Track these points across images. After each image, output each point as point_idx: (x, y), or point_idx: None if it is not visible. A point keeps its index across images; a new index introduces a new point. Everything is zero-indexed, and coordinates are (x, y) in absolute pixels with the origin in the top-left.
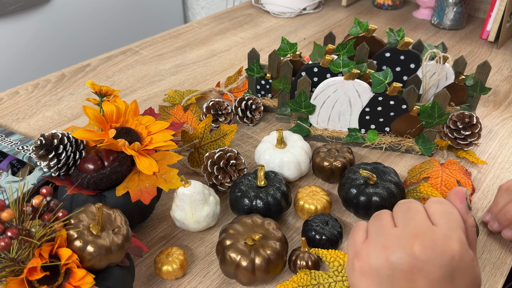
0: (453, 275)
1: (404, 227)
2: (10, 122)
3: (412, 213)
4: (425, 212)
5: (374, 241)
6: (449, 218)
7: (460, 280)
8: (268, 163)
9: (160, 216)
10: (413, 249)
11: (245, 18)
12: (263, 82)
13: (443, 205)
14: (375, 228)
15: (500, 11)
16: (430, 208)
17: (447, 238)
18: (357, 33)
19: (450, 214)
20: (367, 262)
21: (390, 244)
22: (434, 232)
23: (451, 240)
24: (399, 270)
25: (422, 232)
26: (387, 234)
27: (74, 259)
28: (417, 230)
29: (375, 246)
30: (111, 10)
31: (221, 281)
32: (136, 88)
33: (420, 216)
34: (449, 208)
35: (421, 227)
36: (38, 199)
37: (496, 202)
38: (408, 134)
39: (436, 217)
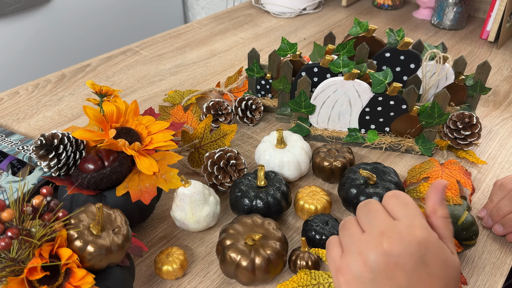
0: (425, 260)
1: (370, 229)
2: (10, 122)
3: (373, 214)
4: (384, 210)
5: (350, 252)
6: (406, 209)
7: (433, 263)
8: (268, 163)
9: (160, 216)
10: (383, 247)
11: (245, 18)
12: (263, 82)
13: (399, 198)
14: (346, 239)
15: (500, 11)
16: (387, 205)
17: (409, 227)
18: (357, 33)
19: (406, 205)
20: (349, 273)
21: (363, 249)
22: (397, 225)
23: (414, 228)
24: (378, 271)
25: (386, 229)
26: (358, 241)
27: (74, 259)
28: (382, 228)
29: (351, 256)
30: (111, 10)
31: (221, 281)
32: (136, 88)
33: (380, 215)
34: (404, 199)
35: (384, 224)
36: (38, 199)
37: (491, 198)
38: (408, 134)
39: (395, 211)
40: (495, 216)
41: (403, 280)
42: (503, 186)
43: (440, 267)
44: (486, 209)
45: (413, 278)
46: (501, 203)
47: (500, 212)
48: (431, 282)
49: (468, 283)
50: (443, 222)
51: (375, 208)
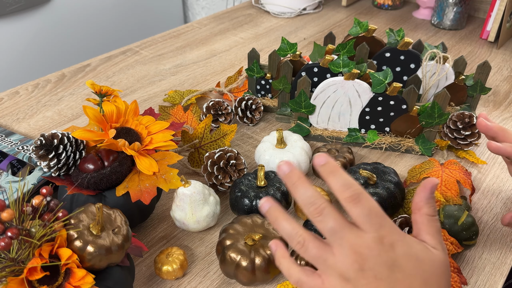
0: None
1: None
2: (10, 122)
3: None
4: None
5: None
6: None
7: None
8: (268, 163)
9: (160, 216)
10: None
11: (245, 18)
12: (263, 82)
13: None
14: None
15: (500, 11)
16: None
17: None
18: (357, 33)
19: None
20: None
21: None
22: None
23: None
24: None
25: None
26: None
27: (74, 259)
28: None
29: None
30: (111, 10)
31: (221, 281)
32: (136, 88)
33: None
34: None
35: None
36: (38, 199)
37: None
38: (408, 134)
39: (360, 221)
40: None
41: None
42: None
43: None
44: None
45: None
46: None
47: None
48: (409, 282)
49: (468, 283)
50: (428, 219)
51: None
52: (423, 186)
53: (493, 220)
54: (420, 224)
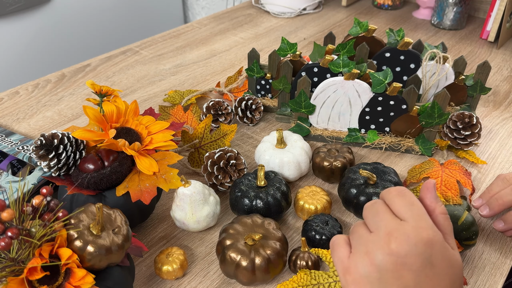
0: (432, 260)
1: (377, 230)
2: (10, 122)
3: (380, 215)
4: (390, 211)
5: (358, 252)
6: (412, 210)
7: (439, 263)
8: (268, 163)
9: (160, 216)
10: (391, 247)
11: (245, 18)
12: (263, 82)
13: (404, 198)
14: (354, 240)
15: (500, 11)
16: (393, 204)
17: (416, 228)
18: (357, 33)
19: (412, 204)
20: (357, 272)
21: (370, 249)
22: (404, 226)
23: (421, 229)
24: (385, 271)
25: (394, 230)
26: (365, 242)
27: (74, 259)
28: (389, 229)
29: (359, 256)
30: (111, 10)
31: (221, 281)
32: (136, 88)
33: (387, 216)
34: (410, 199)
35: (391, 225)
36: (38, 199)
37: (490, 188)
38: (408, 134)
39: (402, 212)
40: (494, 205)
41: (410, 280)
42: (506, 179)
43: (446, 266)
44: (483, 198)
45: (420, 278)
46: (504, 192)
47: (500, 200)
48: (438, 281)
49: (468, 283)
50: (443, 218)
51: (382, 209)
52: (427, 188)
53: (493, 220)
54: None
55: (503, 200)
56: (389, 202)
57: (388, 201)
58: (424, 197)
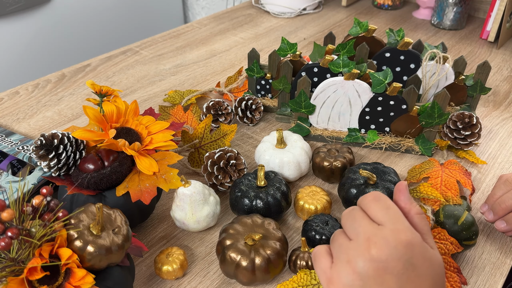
0: (413, 262)
1: (356, 237)
2: (10, 122)
3: (357, 221)
4: (367, 217)
5: (339, 261)
6: (389, 213)
7: (420, 264)
8: (268, 163)
9: (160, 216)
10: (371, 253)
11: (245, 18)
12: (263, 82)
13: (380, 202)
14: (335, 249)
15: (500, 11)
16: (369, 210)
17: (394, 231)
18: (357, 33)
19: (388, 208)
20: (340, 282)
21: (351, 257)
22: (382, 230)
23: (398, 231)
24: (367, 277)
25: (372, 235)
26: (346, 250)
27: (74, 259)
28: (368, 235)
29: (341, 265)
30: (111, 10)
31: (221, 281)
32: (136, 88)
33: (364, 222)
34: (385, 203)
35: (370, 230)
36: (38, 199)
37: (493, 193)
38: (408, 134)
39: (378, 216)
40: (498, 209)
41: (393, 284)
42: (508, 182)
43: (427, 266)
44: (488, 204)
45: (402, 281)
46: (506, 196)
47: (503, 205)
48: (420, 283)
49: (468, 283)
50: (419, 218)
51: (359, 215)
52: (399, 190)
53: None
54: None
55: (506, 204)
56: (365, 207)
57: (364, 207)
58: (398, 199)
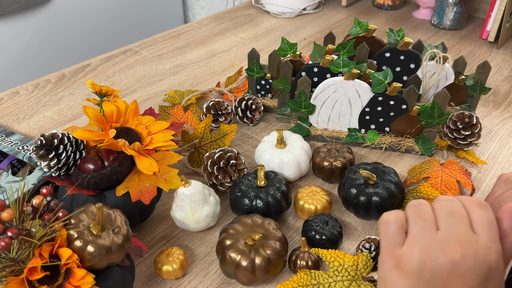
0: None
1: (447, 232)
2: (10, 122)
3: (456, 218)
4: (468, 219)
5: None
6: (490, 228)
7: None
8: (268, 163)
9: (160, 216)
10: (455, 257)
11: (245, 18)
12: (263, 82)
13: (486, 213)
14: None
15: (500, 11)
16: (473, 214)
17: (487, 249)
18: (357, 33)
19: (491, 223)
20: (409, 264)
21: (433, 249)
22: (477, 242)
23: (491, 251)
24: (438, 275)
25: (465, 241)
26: (430, 238)
27: (74, 259)
28: (460, 238)
29: (418, 250)
30: (111, 10)
31: (221, 281)
32: (136, 88)
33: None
34: (490, 216)
35: (465, 235)
36: (38, 199)
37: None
38: (408, 134)
39: (479, 226)
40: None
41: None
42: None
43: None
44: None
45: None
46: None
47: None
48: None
49: None
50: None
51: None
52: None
53: None
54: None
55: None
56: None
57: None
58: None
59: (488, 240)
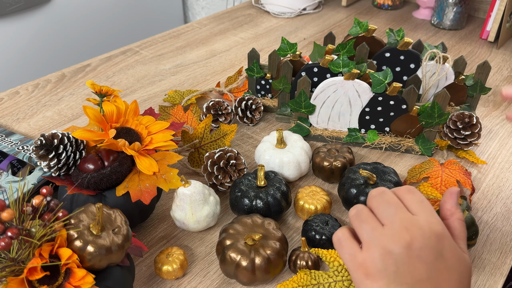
0: (443, 253)
1: (392, 223)
2: (10, 122)
3: (393, 208)
4: (402, 205)
5: (373, 245)
6: (424, 206)
7: (449, 257)
8: (268, 163)
9: (160, 216)
10: (407, 241)
11: (245, 18)
12: (263, 82)
13: (415, 195)
14: (366, 232)
15: (500, 11)
16: (404, 199)
17: (429, 223)
18: (357, 33)
19: (423, 201)
20: (374, 265)
21: (386, 242)
22: (418, 220)
23: (433, 223)
24: (401, 264)
25: (409, 224)
26: (380, 235)
27: (74, 259)
28: (405, 224)
29: (375, 250)
30: (111, 10)
31: (221, 281)
32: (136, 88)
33: (401, 209)
34: (420, 196)
35: (406, 219)
36: (38, 199)
37: None
38: (408, 134)
39: (413, 207)
40: None
41: (424, 272)
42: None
43: (455, 260)
44: None
45: (432, 271)
46: None
47: None
48: (448, 275)
49: None
50: (460, 224)
51: (394, 202)
52: (451, 193)
53: (493, 220)
54: (453, 229)
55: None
56: (400, 197)
57: (399, 196)
58: (446, 201)
59: (426, 215)
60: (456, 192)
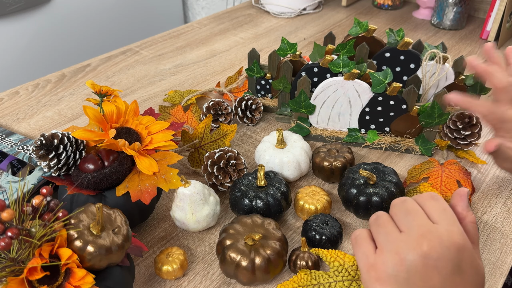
0: (461, 266)
1: (409, 230)
2: (10, 122)
3: (412, 215)
4: (423, 212)
5: (386, 250)
6: (446, 214)
7: (468, 270)
8: (268, 163)
9: (160, 216)
10: (423, 249)
11: (245, 18)
12: (263, 82)
13: (438, 202)
14: (381, 236)
15: (500, 11)
16: (425, 206)
17: (449, 232)
18: (357, 33)
19: (445, 210)
20: (384, 271)
21: (401, 249)
22: (438, 229)
23: (454, 233)
24: (414, 272)
25: (427, 232)
26: (395, 240)
27: (74, 259)
28: (422, 231)
29: (388, 254)
30: (111, 10)
31: (221, 281)
32: (136, 88)
33: (420, 217)
34: (442, 204)
35: (425, 227)
36: (38, 199)
37: None
38: (408, 134)
39: (435, 215)
40: None
41: (438, 283)
42: None
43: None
44: None
45: (447, 282)
46: None
47: None
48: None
49: None
50: (473, 227)
51: (414, 209)
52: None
53: (493, 220)
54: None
55: None
56: (421, 204)
57: (421, 203)
58: (456, 204)
59: (447, 225)
60: (466, 194)
